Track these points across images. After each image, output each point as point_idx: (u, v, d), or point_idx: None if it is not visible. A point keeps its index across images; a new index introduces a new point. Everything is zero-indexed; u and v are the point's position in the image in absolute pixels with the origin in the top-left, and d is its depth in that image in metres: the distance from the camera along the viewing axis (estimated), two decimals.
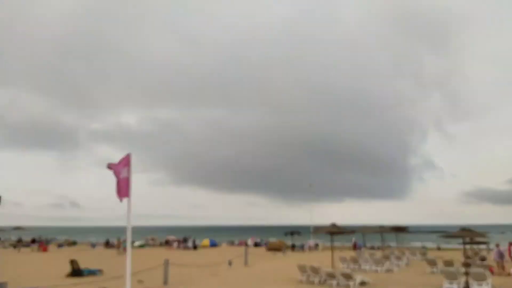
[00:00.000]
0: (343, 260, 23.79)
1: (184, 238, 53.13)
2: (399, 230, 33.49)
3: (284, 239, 51.31)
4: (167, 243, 53.09)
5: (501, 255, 21.45)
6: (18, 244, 49.76)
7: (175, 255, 34.27)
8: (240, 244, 57.04)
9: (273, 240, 55.44)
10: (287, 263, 25.86)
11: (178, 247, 48.81)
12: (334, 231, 20.00)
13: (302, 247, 45.22)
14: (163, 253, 36.02)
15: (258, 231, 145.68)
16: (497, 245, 22.99)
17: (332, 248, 21.01)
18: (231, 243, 60.71)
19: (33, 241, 53.86)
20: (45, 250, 43.09)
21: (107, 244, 51.40)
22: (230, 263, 24.72)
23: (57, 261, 28.24)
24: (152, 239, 58.37)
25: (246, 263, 25.26)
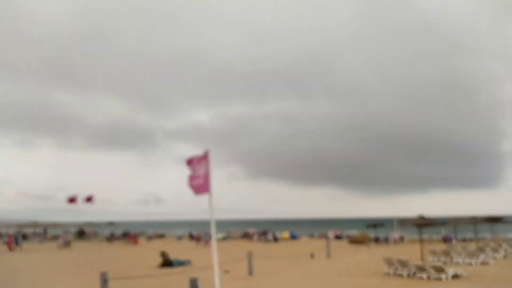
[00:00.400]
0: (433, 253, 22.41)
1: (264, 231, 53.98)
2: (494, 220, 30.61)
3: (366, 231, 49.80)
4: (247, 235, 54.33)
5: None
6: (111, 238, 54.34)
7: (256, 247, 34.96)
8: (320, 237, 56.50)
9: (354, 232, 54.13)
10: (372, 256, 25.02)
11: (259, 239, 49.68)
12: (423, 223, 18.87)
13: (386, 240, 43.49)
14: (244, 245, 36.95)
15: (338, 224, 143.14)
16: None
17: (421, 241, 19.86)
18: (311, 236, 60.37)
19: (124, 234, 58.33)
20: (136, 243, 46.48)
21: (191, 237, 54.03)
22: (312, 255, 24.57)
23: (148, 252, 30.31)
24: (233, 232, 60.20)
25: (328, 255, 24.92)
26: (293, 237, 52.48)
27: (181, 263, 20.86)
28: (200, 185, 8.60)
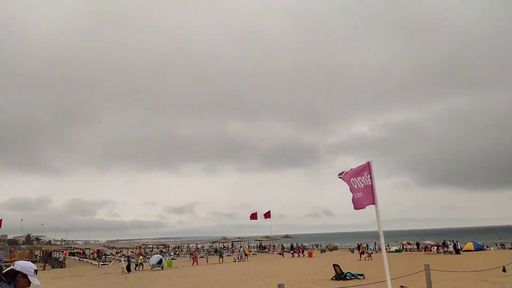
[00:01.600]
0: None
1: (444, 241, 49.21)
2: None
3: None
4: (425, 247, 50.31)
5: None
6: (284, 250, 57.48)
7: (436, 260, 32.13)
8: None
9: None
10: None
11: (438, 251, 45.54)
12: None
13: None
14: (422, 258, 34.38)
15: None
16: None
17: None
18: (502, 246, 52.35)
19: (291, 247, 60.74)
20: (310, 255, 47.99)
21: (358, 249, 52.96)
22: (504, 269, 21.37)
23: (321, 265, 31.00)
24: (408, 244, 56.56)
25: None
26: (479, 248, 46.33)
27: (354, 276, 20.76)
28: (359, 198, 8.29)
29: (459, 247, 44.20)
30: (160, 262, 39.77)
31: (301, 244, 67.50)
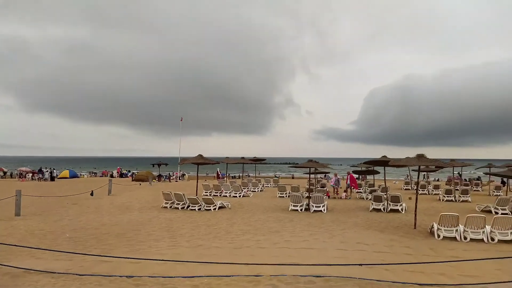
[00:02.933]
0: (207, 187, 25.43)
1: (40, 169, 49.08)
2: (258, 161, 36.58)
3: (151, 170, 51.48)
4: (20, 174, 48.43)
5: (337, 183, 25.56)
6: None
7: (30, 186, 31.85)
8: (103, 174, 55.42)
9: (140, 171, 55.15)
10: (153, 192, 26.46)
11: (33, 178, 45.15)
12: (200, 161, 21.04)
13: (168, 178, 46.22)
14: (14, 184, 33.04)
15: (125, 162, 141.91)
16: (335, 174, 27.11)
17: (198, 178, 22.15)
18: (94, 174, 58.50)
19: None
20: None
21: None
22: (92, 193, 24.22)
23: None
24: (1, 170, 52.55)
25: (109, 192, 25.02)
26: (74, 175, 49.74)
27: None
28: None
29: (56, 174, 45.65)
30: None
31: None
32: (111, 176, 50.96)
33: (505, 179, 31.69)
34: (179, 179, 46.63)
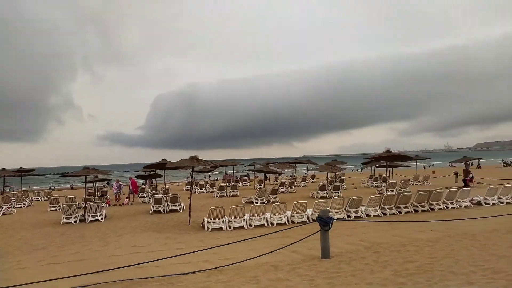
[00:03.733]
0: None
1: None
2: (24, 172, 31.55)
3: None
4: None
5: (118, 189, 24.86)
6: None
7: None
8: None
9: None
10: None
11: None
12: None
13: None
14: None
15: None
16: (117, 181, 26.31)
17: None
18: None
19: None
20: None
21: None
22: None
23: None
24: None
25: None
26: None
27: None
28: None
29: None
30: None
31: None
32: None
33: (267, 174, 37.33)
34: None
